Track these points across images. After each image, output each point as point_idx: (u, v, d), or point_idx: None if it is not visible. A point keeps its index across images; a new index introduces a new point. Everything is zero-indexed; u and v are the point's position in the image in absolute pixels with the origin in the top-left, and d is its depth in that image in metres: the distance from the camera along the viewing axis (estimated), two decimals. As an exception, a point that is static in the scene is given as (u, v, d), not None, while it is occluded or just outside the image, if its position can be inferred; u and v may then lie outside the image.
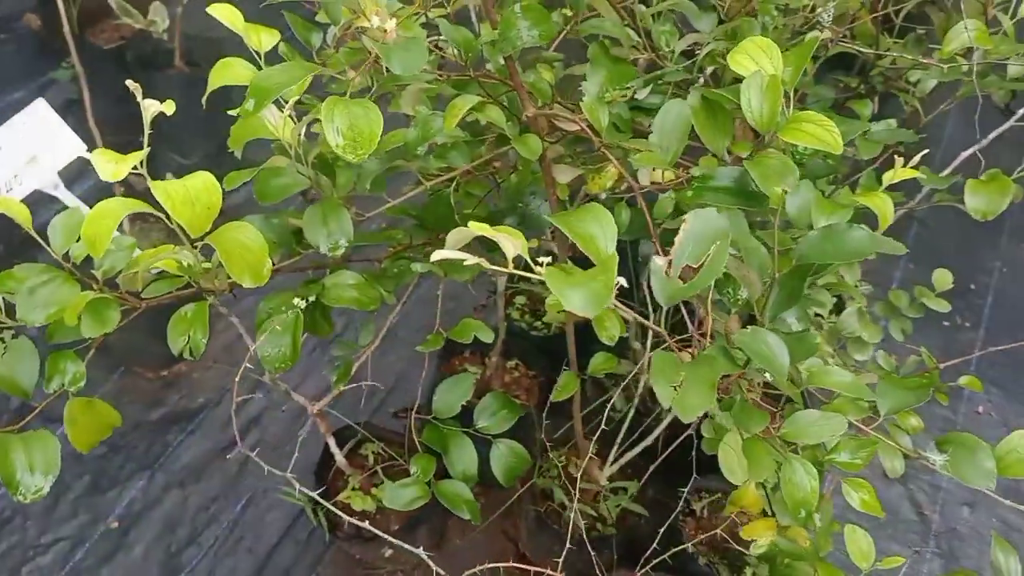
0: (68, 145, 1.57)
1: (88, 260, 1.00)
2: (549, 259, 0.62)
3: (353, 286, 1.11)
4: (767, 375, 0.79)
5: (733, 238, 0.75)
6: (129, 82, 0.83)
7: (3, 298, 0.96)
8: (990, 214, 1.13)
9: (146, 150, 0.80)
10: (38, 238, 0.96)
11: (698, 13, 1.02)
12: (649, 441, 1.60)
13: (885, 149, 1.22)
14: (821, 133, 0.72)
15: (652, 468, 1.58)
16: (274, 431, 2.08)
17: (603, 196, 1.12)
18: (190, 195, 0.80)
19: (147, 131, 0.82)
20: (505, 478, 1.25)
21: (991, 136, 1.19)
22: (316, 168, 1.03)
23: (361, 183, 1.06)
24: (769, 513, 0.97)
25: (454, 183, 1.12)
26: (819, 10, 0.98)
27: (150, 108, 0.82)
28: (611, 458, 1.62)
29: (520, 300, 2.12)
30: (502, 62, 0.94)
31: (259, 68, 0.99)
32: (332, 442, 1.55)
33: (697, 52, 1.00)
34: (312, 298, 1.09)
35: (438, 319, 1.29)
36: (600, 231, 0.65)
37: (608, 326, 1.05)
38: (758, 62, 0.77)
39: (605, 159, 1.07)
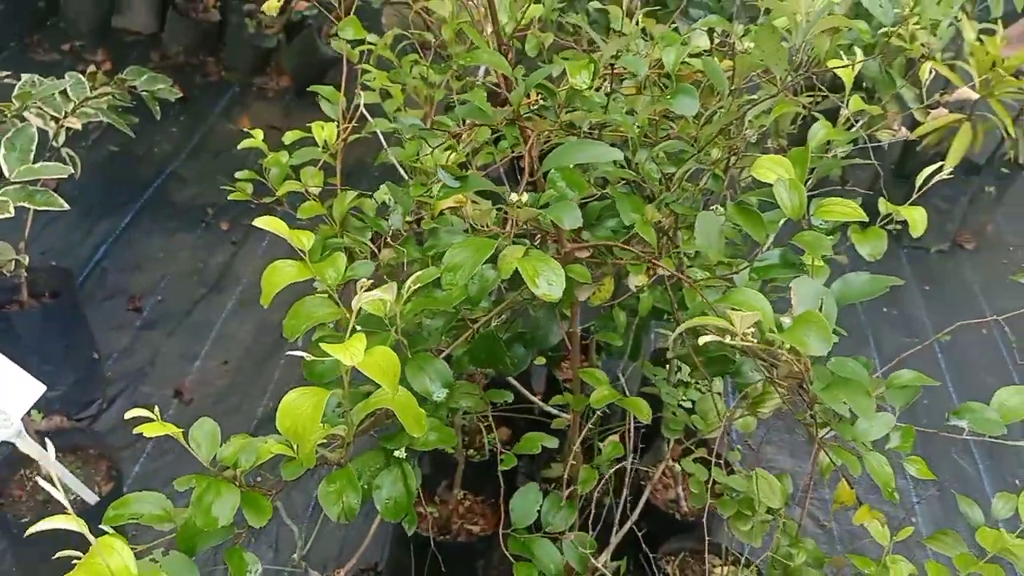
0: (27, 388, 1.55)
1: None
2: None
3: (433, 429, 1.24)
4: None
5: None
6: None
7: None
8: (877, 255, 1.50)
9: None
10: (184, 443, 1.03)
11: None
12: (631, 522, 1.79)
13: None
14: (846, 210, 1.02)
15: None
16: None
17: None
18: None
19: None
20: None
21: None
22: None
23: (432, 340, 1.22)
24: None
25: (493, 322, 1.30)
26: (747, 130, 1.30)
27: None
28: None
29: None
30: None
31: (304, 265, 1.14)
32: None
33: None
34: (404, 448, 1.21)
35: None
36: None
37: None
38: (775, 171, 1.06)
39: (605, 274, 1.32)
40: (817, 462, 1.32)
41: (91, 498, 1.87)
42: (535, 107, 1.25)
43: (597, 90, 1.24)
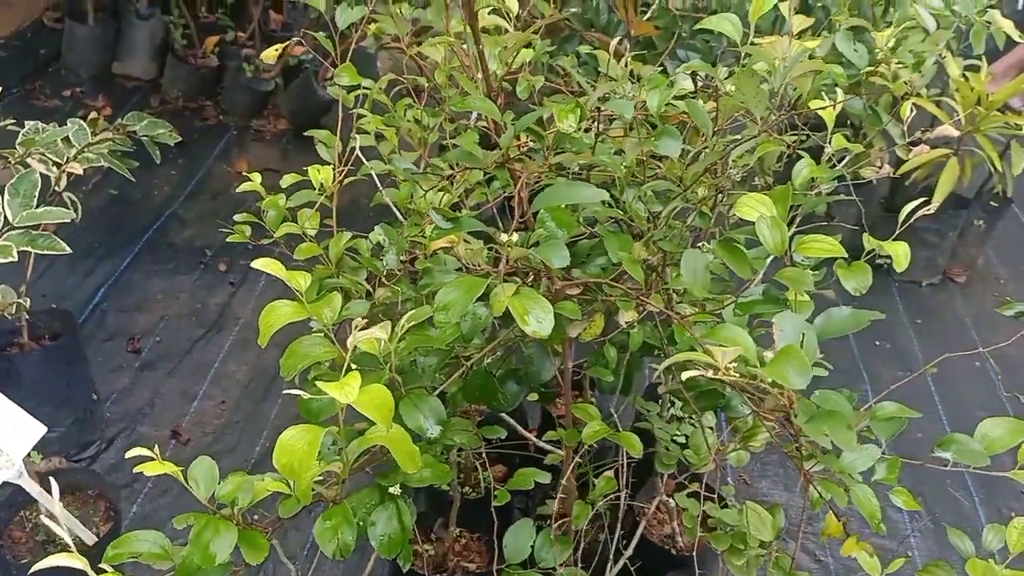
0: (28, 430, 1.57)
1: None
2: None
3: (427, 465, 1.26)
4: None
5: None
6: None
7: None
8: (862, 289, 1.53)
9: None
10: (183, 481, 1.05)
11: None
12: (624, 558, 1.81)
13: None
14: (827, 246, 1.05)
15: None
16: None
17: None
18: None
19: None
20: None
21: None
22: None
23: (427, 377, 1.24)
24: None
25: (486, 359, 1.33)
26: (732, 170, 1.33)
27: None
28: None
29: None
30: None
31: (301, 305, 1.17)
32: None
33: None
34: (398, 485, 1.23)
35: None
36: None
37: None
38: (757, 209, 1.09)
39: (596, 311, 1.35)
40: (809, 495, 1.34)
41: (89, 538, 1.87)
42: (525, 149, 1.29)
43: (586, 131, 1.28)
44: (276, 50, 1.48)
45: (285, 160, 3.71)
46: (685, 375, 0.83)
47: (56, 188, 2.18)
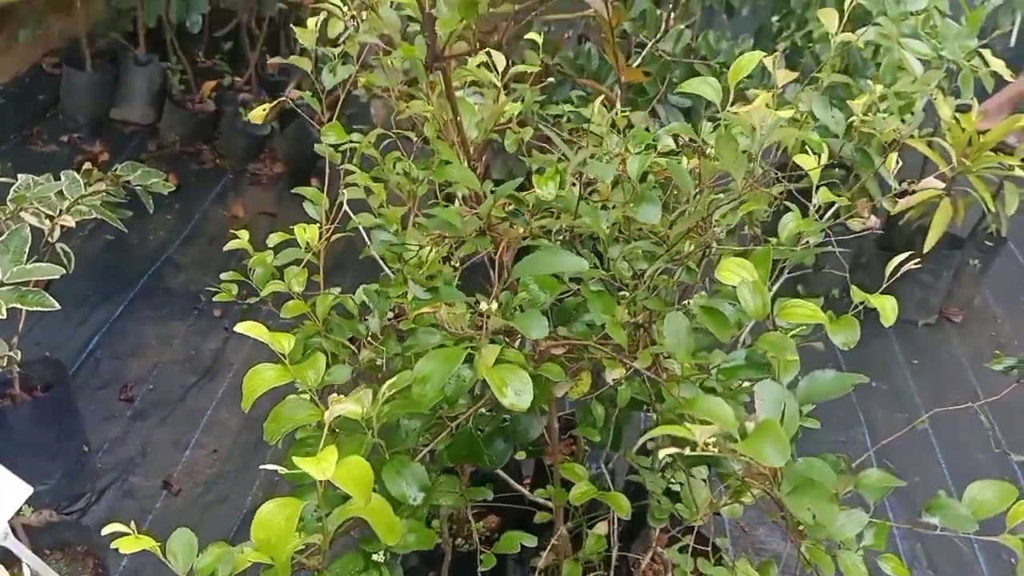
0: (14, 491, 1.56)
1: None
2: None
3: (411, 530, 1.25)
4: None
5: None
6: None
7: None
8: (850, 344, 1.52)
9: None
10: (160, 556, 1.03)
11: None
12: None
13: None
14: (808, 312, 1.04)
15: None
16: None
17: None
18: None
19: None
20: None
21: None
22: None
23: (410, 440, 1.23)
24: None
25: (471, 420, 1.32)
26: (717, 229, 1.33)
27: None
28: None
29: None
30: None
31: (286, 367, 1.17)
32: None
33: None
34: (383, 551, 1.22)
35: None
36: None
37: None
38: (738, 273, 1.09)
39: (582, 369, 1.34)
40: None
41: (77, 597, 1.85)
42: (509, 209, 1.29)
43: (574, 185, 1.28)
44: (264, 110, 1.48)
45: (281, 204, 3.72)
46: (662, 453, 0.82)
47: (49, 239, 2.19)
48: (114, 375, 2.84)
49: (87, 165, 2.42)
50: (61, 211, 2.16)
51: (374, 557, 1.19)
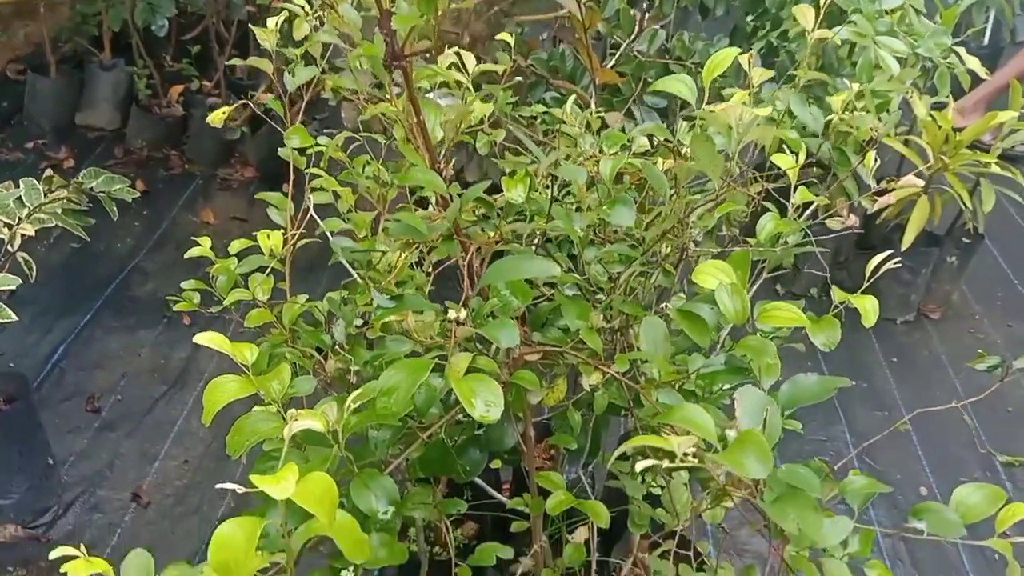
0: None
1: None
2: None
3: (382, 544, 1.20)
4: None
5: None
6: None
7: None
8: (831, 344, 1.49)
9: None
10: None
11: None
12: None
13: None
14: (789, 315, 1.01)
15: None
16: None
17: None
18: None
19: None
20: None
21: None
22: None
23: (379, 452, 1.19)
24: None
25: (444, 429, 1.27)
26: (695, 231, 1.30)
27: None
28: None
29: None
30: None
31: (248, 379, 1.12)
32: None
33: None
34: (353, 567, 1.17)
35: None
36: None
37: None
38: (716, 276, 1.05)
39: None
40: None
41: (40, 617, 1.79)
42: (479, 213, 1.25)
43: (547, 187, 1.25)
44: (223, 112, 1.44)
45: (252, 209, 3.66)
46: (639, 466, 0.78)
47: (9, 248, 2.12)
48: (80, 386, 2.77)
49: (48, 172, 2.35)
50: (20, 219, 2.10)
51: (343, 574, 1.14)
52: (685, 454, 0.80)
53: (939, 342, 3.34)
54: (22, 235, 2.12)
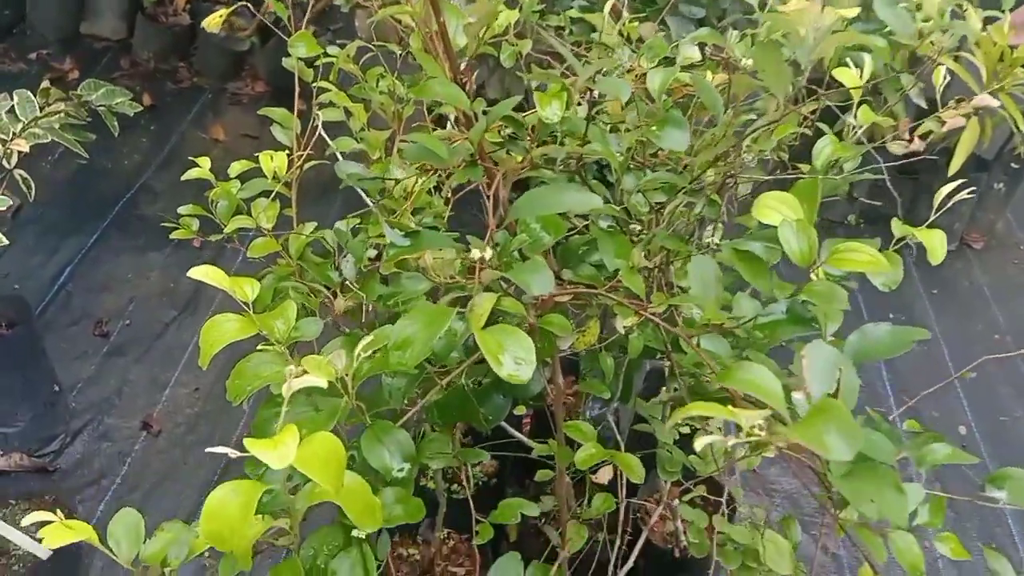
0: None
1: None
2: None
3: (398, 501, 1.10)
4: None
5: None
6: None
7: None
8: (893, 284, 1.35)
9: None
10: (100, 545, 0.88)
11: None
12: (626, 568, 1.66)
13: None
14: (865, 258, 0.87)
15: None
16: None
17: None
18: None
19: None
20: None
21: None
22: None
23: (395, 401, 1.07)
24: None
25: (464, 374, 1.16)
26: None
27: None
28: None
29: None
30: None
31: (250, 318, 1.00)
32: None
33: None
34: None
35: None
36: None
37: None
38: (779, 210, 0.91)
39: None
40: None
41: (43, 553, 1.73)
42: (505, 134, 1.10)
43: (579, 105, 1.10)
44: (220, 16, 1.29)
45: (263, 126, 3.49)
46: (698, 445, 0.66)
47: (5, 164, 2.00)
48: (87, 310, 2.68)
49: (45, 83, 2.21)
50: (14, 134, 1.97)
51: (354, 533, 1.04)
52: (751, 429, 0.67)
53: (981, 272, 3.18)
54: (19, 151, 1.99)
